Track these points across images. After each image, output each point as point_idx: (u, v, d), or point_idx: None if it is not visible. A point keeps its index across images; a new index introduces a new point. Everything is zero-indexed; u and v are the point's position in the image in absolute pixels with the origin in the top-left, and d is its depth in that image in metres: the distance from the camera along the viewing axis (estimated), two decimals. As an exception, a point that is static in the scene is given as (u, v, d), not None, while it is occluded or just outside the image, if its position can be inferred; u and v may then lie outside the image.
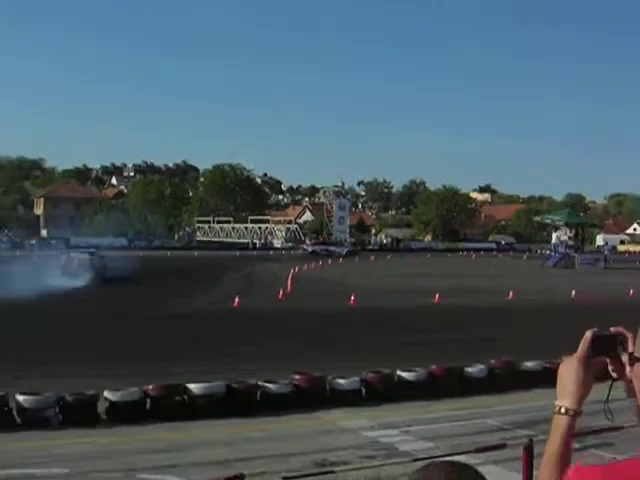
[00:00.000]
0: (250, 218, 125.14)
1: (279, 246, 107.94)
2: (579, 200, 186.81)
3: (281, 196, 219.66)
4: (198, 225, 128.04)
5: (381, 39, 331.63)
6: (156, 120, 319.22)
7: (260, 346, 23.19)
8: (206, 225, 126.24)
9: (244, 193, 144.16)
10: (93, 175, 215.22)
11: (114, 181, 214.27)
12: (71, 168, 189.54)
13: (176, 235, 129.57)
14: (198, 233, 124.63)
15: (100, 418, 14.63)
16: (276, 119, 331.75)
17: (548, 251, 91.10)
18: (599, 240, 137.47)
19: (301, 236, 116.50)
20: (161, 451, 12.49)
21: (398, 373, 17.42)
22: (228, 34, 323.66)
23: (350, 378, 16.70)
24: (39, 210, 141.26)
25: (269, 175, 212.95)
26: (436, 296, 38.54)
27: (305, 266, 63.09)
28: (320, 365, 18.42)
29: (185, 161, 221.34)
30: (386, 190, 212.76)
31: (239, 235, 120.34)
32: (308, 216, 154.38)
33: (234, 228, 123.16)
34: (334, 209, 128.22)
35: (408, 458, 10.53)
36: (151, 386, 15.16)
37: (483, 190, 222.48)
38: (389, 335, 26.18)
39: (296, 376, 16.43)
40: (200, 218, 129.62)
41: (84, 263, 50.60)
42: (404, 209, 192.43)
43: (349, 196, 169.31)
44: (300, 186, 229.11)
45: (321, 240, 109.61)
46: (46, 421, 14.26)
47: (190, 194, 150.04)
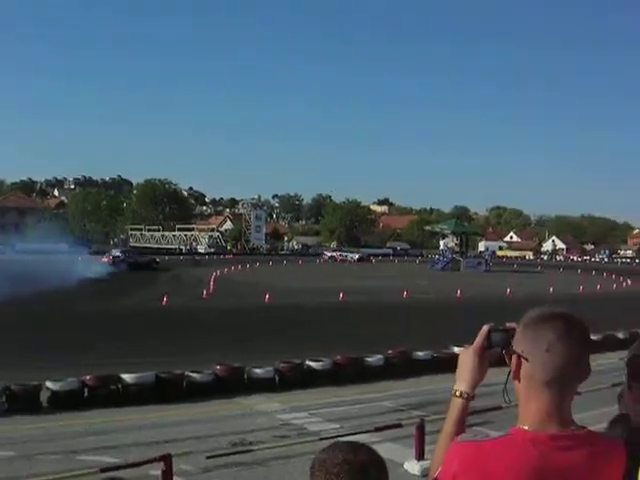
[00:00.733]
0: (177, 226, 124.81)
1: (203, 251, 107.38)
2: (464, 212, 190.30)
3: (205, 207, 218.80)
4: (131, 232, 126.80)
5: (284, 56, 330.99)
6: (95, 138, 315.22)
7: (185, 339, 23.04)
8: (138, 233, 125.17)
9: (172, 204, 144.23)
10: (38, 187, 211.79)
11: (56, 193, 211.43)
12: (17, 181, 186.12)
13: (112, 241, 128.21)
14: (131, 240, 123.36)
15: (43, 406, 14.38)
16: (200, 137, 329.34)
17: (437, 256, 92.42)
18: (481, 246, 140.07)
19: (222, 243, 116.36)
20: (98, 434, 12.30)
21: (307, 363, 17.49)
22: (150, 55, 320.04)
23: (265, 368, 16.73)
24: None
25: (194, 188, 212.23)
26: (341, 295, 38.75)
27: (225, 269, 62.79)
28: (240, 356, 18.38)
29: (120, 175, 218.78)
30: (297, 202, 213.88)
31: (167, 241, 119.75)
32: (229, 225, 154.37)
33: (163, 235, 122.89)
34: (252, 219, 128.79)
35: (316, 437, 10.58)
36: (88, 376, 14.95)
37: (382, 203, 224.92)
38: (300, 329, 26.22)
39: (218, 366, 16.39)
40: (133, 226, 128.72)
41: (121, 257, 68.10)
42: (313, 219, 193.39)
43: (265, 208, 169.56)
44: (222, 198, 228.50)
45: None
46: (-7, 409, 14.00)
47: (124, 205, 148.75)
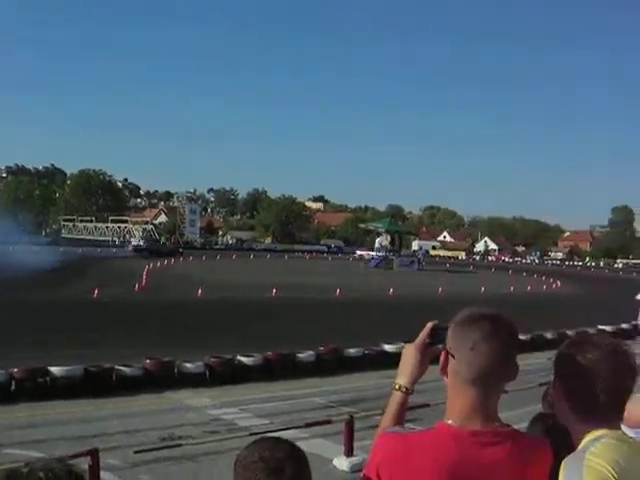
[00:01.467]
0: (111, 218, 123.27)
1: (136, 244, 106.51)
2: (398, 211, 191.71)
3: (139, 200, 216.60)
4: (63, 223, 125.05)
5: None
6: (27, 125, 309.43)
7: (116, 332, 22.77)
8: (71, 224, 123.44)
9: (106, 196, 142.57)
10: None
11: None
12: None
13: (44, 232, 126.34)
14: (63, 231, 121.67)
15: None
16: (137, 129, 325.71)
17: (370, 253, 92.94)
18: (414, 245, 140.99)
19: (156, 236, 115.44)
20: (24, 428, 12.09)
21: (238, 358, 17.45)
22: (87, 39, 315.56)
23: (195, 362, 16.64)
24: None
25: (129, 180, 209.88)
26: (274, 291, 38.73)
27: (158, 263, 62.27)
28: (171, 349, 18.25)
29: (53, 164, 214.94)
30: (232, 197, 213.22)
31: (101, 233, 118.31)
32: (163, 218, 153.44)
33: (96, 227, 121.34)
34: (186, 213, 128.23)
35: (246, 433, 10.57)
36: (16, 369, 14.70)
37: (317, 200, 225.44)
38: (233, 324, 26.13)
39: (147, 360, 16.24)
40: (65, 217, 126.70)
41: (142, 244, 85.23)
42: (248, 214, 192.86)
43: (200, 202, 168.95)
44: (157, 191, 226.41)
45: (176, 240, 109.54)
46: None
47: (57, 195, 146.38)
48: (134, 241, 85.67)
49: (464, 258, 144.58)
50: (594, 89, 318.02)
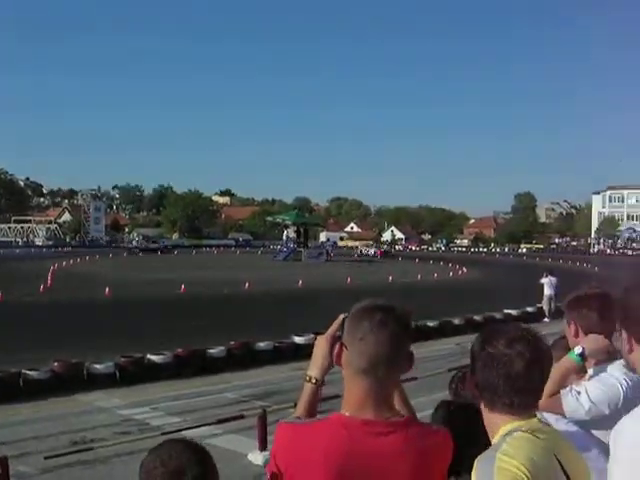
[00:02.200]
0: (13, 218, 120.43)
1: (41, 244, 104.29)
2: (305, 203, 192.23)
3: (42, 199, 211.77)
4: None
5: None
6: None
7: (23, 335, 22.26)
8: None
9: (7, 195, 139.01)
10: None
11: None
12: None
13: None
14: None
15: None
16: (39, 124, 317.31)
17: (279, 246, 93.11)
18: (322, 237, 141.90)
19: (61, 235, 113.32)
20: None
21: (148, 356, 17.26)
22: None
23: (105, 363, 16.41)
24: None
25: (31, 179, 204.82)
26: (182, 287, 38.45)
27: (64, 263, 61.16)
28: (81, 350, 17.96)
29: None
30: (138, 193, 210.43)
31: (2, 234, 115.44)
32: (67, 217, 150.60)
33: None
34: (91, 211, 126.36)
35: (158, 432, 10.50)
36: None
37: (224, 194, 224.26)
38: (141, 322, 25.81)
39: (55, 363, 15.93)
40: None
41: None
42: (154, 210, 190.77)
43: (105, 199, 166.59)
44: (60, 189, 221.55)
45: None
46: None
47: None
48: (134, 242, 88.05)
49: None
50: (488, 74, 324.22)
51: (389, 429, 2.30)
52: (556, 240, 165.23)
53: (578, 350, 3.45)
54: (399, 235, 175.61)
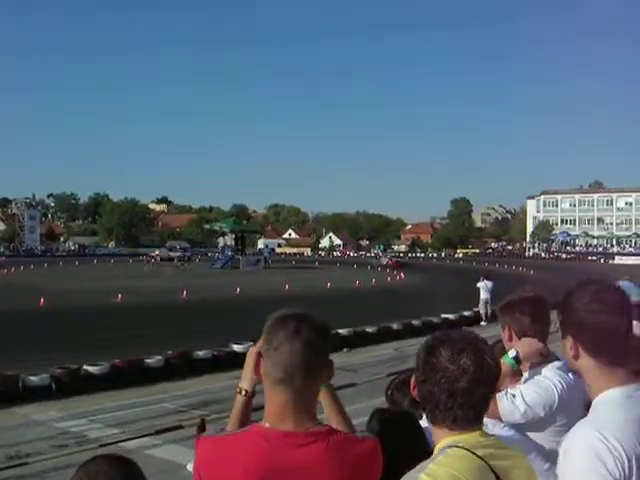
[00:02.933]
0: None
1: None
2: (243, 210, 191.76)
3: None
4: None
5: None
6: None
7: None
8: None
9: None
10: None
11: None
12: None
13: None
14: None
15: None
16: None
17: (217, 254, 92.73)
18: (260, 244, 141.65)
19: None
20: None
21: (84, 367, 17.06)
22: None
23: (40, 375, 16.16)
24: None
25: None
26: (119, 296, 38.04)
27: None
28: (15, 362, 17.62)
29: None
30: (74, 202, 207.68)
31: None
32: (1, 226, 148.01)
33: None
34: (25, 219, 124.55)
35: (96, 444, 10.39)
36: None
37: (160, 201, 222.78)
38: (80, 332, 25.42)
39: (-12, 376, 15.67)
40: None
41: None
42: (90, 219, 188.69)
43: (39, 207, 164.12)
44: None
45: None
46: None
47: None
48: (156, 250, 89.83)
49: (310, 254, 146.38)
50: (426, 78, 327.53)
51: (309, 440, 2.27)
52: (492, 244, 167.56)
53: (512, 354, 3.51)
54: (337, 241, 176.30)
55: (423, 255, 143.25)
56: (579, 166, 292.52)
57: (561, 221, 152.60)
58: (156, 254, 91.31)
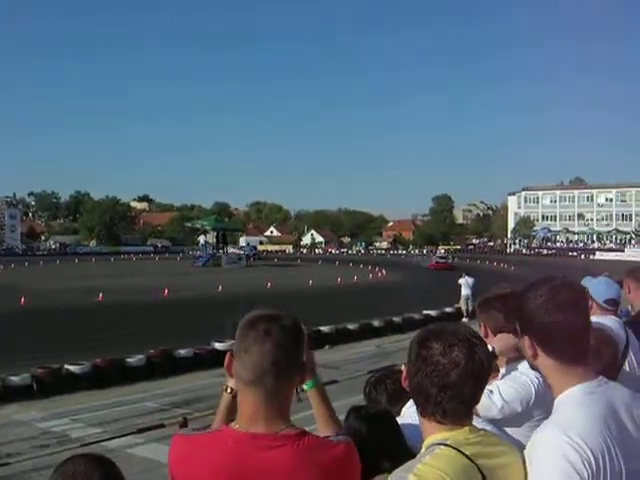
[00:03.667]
0: None
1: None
2: (225, 208, 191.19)
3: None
4: None
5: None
6: None
7: None
8: None
9: None
10: None
11: None
12: None
13: None
14: None
15: None
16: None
17: (198, 252, 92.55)
18: (242, 242, 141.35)
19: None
20: None
21: (65, 367, 17.05)
22: None
23: (21, 374, 16.13)
24: None
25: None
26: (100, 295, 37.90)
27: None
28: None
29: None
30: (55, 200, 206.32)
31: None
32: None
33: None
34: (6, 218, 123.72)
35: (77, 444, 10.37)
36: None
37: (142, 199, 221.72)
38: (60, 331, 25.30)
39: (-32, 377, 15.62)
40: None
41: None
42: (71, 217, 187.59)
43: (20, 206, 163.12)
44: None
45: None
46: None
47: None
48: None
49: (292, 252, 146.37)
50: (406, 76, 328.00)
51: (279, 443, 2.23)
52: (473, 241, 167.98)
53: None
54: (319, 238, 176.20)
55: (405, 252, 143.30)
56: (560, 162, 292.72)
57: (542, 217, 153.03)
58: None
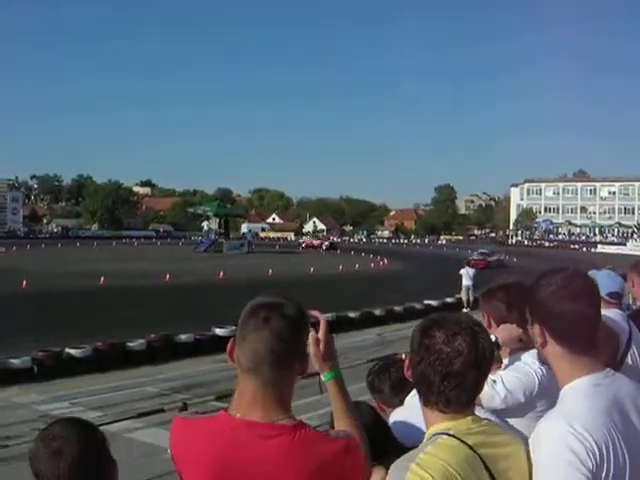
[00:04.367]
0: None
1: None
2: (227, 194, 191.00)
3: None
4: None
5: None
6: None
7: None
8: None
9: None
10: None
11: None
12: None
13: None
14: None
15: None
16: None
17: (200, 238, 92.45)
18: (244, 228, 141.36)
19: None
20: None
21: (66, 350, 17.04)
22: None
23: (22, 357, 16.11)
24: None
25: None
26: (102, 279, 37.91)
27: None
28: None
29: None
30: (57, 183, 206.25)
31: None
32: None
33: None
34: (8, 201, 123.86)
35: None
36: None
37: (144, 184, 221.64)
38: (62, 314, 25.30)
39: (-31, 359, 15.62)
40: None
41: None
42: (74, 201, 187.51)
43: (22, 189, 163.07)
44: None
45: None
46: None
47: None
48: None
49: (293, 239, 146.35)
50: (409, 65, 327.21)
51: (275, 432, 2.21)
52: (475, 231, 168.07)
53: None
54: (321, 226, 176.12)
55: (406, 241, 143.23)
56: (563, 155, 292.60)
57: (544, 209, 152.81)
58: (302, 241, 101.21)
